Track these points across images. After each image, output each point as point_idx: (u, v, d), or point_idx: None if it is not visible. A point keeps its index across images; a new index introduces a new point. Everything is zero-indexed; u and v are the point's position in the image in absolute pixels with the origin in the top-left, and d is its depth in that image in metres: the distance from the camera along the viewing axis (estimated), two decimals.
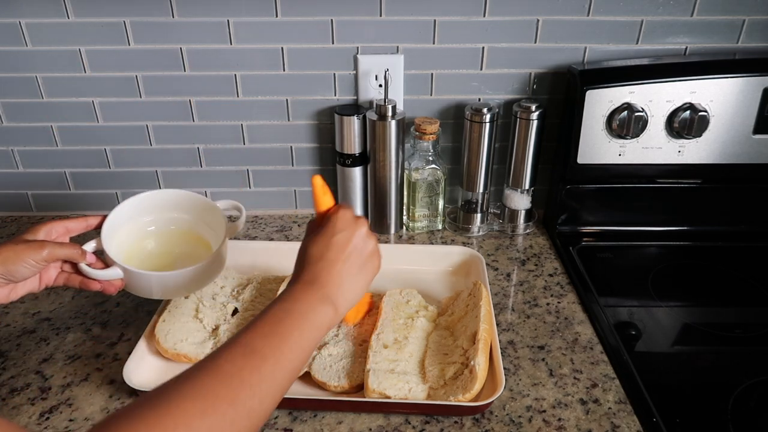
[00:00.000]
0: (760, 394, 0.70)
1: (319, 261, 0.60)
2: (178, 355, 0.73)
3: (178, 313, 0.78)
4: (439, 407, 0.66)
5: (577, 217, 1.01)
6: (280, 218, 1.09)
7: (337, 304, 0.59)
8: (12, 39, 0.93)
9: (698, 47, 0.95)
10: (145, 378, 0.71)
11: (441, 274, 0.92)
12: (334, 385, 0.69)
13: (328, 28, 0.93)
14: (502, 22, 0.93)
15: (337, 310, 0.59)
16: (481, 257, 0.90)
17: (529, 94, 0.99)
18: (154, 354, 0.75)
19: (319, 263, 0.60)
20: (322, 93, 0.99)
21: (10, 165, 1.05)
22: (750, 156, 0.93)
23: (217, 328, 0.77)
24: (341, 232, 0.62)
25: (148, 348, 0.75)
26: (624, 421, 0.66)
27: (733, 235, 1.00)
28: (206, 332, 0.77)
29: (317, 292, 0.58)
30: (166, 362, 0.74)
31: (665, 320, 0.83)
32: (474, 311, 0.76)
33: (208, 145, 1.03)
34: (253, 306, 0.81)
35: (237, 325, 0.77)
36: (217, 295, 0.82)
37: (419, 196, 1.00)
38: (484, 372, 0.68)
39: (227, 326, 0.77)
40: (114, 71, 0.96)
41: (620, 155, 0.93)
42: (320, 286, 0.59)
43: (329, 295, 0.59)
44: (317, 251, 0.61)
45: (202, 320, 0.78)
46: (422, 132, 0.95)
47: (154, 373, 0.72)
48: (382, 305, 0.79)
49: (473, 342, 0.72)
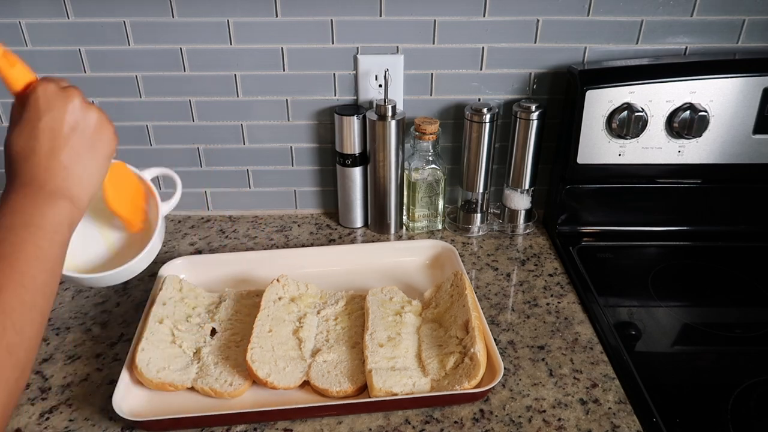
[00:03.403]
0: (760, 394, 0.70)
1: (31, 156, 0.51)
2: (163, 384, 0.68)
3: (155, 339, 0.73)
4: (448, 397, 0.67)
5: (577, 217, 1.01)
6: (279, 218, 1.09)
7: (72, 196, 0.52)
8: (12, 39, 0.93)
9: (698, 47, 0.95)
10: (135, 406, 0.68)
11: (416, 269, 0.94)
12: (337, 391, 0.69)
13: (328, 28, 0.93)
14: (502, 22, 0.93)
15: (74, 201, 0.52)
16: (453, 248, 0.92)
17: (529, 94, 0.99)
18: (137, 384, 0.70)
19: (31, 159, 0.51)
20: (322, 93, 0.99)
21: None
22: (750, 156, 0.93)
23: (199, 351, 0.74)
24: (48, 114, 0.52)
25: (132, 378, 0.70)
26: (624, 421, 0.66)
27: (733, 235, 1.00)
28: (188, 357, 0.73)
29: (39, 192, 0.50)
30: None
31: (665, 320, 0.83)
32: (460, 300, 0.77)
33: (208, 145, 1.03)
34: (232, 324, 0.78)
35: (219, 346, 0.74)
36: (191, 317, 0.79)
37: (419, 196, 1.00)
38: (484, 358, 0.69)
39: (209, 348, 0.74)
40: (114, 71, 0.96)
41: (620, 155, 0.93)
42: (41, 184, 0.51)
43: (56, 190, 0.51)
44: (24, 145, 0.52)
45: (180, 345, 0.74)
46: (422, 132, 0.95)
47: (144, 399, 0.69)
48: (367, 305, 0.79)
49: (466, 331, 0.73)
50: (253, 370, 0.68)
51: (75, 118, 0.53)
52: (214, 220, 1.09)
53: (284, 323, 0.77)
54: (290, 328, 0.77)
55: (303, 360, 0.73)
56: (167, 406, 0.68)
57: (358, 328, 0.78)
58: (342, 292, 0.85)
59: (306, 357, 0.73)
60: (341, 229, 1.06)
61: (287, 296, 0.81)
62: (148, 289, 0.87)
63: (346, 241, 1.03)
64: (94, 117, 0.55)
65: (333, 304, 0.82)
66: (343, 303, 0.83)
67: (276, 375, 0.69)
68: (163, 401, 0.69)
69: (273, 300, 0.79)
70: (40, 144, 0.51)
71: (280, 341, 0.74)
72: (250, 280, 0.90)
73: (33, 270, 0.47)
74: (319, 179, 1.07)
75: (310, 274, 0.88)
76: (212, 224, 1.08)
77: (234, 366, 0.71)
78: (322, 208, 1.11)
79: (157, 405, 0.68)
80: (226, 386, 0.69)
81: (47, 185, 0.51)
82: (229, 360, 0.72)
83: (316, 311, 0.81)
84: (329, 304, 0.82)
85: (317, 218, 1.09)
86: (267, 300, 0.78)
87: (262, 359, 0.70)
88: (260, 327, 0.74)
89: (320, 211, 1.11)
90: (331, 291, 0.85)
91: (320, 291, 0.85)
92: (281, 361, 0.71)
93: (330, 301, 0.83)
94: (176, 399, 0.69)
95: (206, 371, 0.71)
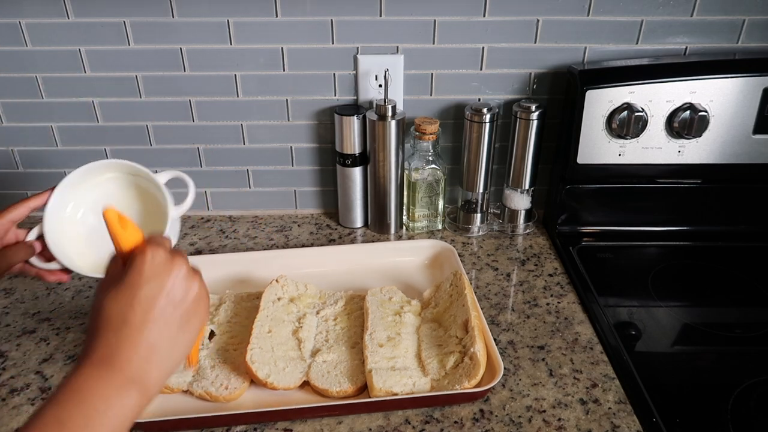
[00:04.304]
0: (760, 394, 0.70)
1: (121, 328, 0.46)
2: None
3: None
4: (448, 397, 0.67)
5: (577, 217, 1.01)
6: (280, 218, 1.09)
7: (146, 385, 0.46)
8: (12, 39, 0.93)
9: (698, 47, 0.95)
10: None
11: (416, 269, 0.94)
12: (337, 391, 0.69)
13: (328, 28, 0.93)
14: (502, 22, 0.93)
15: (146, 392, 0.46)
16: (452, 248, 0.92)
17: (529, 94, 0.99)
18: None
19: (120, 331, 0.46)
20: (322, 93, 0.99)
21: (10, 165, 1.05)
22: (750, 156, 0.93)
23: (196, 363, 0.72)
24: (150, 282, 0.47)
25: None
26: (624, 421, 0.66)
27: (733, 235, 1.00)
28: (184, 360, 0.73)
29: (116, 375, 0.44)
30: None
31: (665, 320, 0.83)
32: (459, 300, 0.78)
33: (208, 145, 1.03)
34: (230, 327, 0.78)
35: (216, 349, 0.74)
36: None
37: (419, 196, 1.00)
38: (484, 357, 0.69)
39: (206, 351, 0.74)
40: (114, 71, 0.96)
41: (620, 155, 0.93)
42: (120, 367, 0.45)
43: (133, 376, 0.45)
44: (117, 313, 0.46)
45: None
46: (422, 132, 0.95)
47: None
48: (366, 305, 0.79)
49: (465, 330, 0.73)
50: (253, 370, 0.68)
51: (176, 292, 0.48)
52: (214, 220, 1.09)
53: (284, 324, 0.77)
54: (290, 328, 0.77)
55: (303, 360, 0.72)
56: (167, 407, 0.68)
57: (357, 328, 0.78)
58: (341, 292, 0.85)
59: (306, 357, 0.73)
60: (341, 229, 1.06)
61: (286, 296, 0.81)
62: None
63: (346, 241, 1.03)
64: (195, 290, 0.51)
65: (332, 304, 0.82)
66: (343, 303, 0.83)
67: (276, 375, 0.69)
68: (162, 402, 0.69)
69: (272, 300, 0.79)
70: (134, 314, 0.46)
71: (279, 342, 0.74)
72: (250, 280, 0.90)
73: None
74: (319, 179, 1.07)
75: (309, 274, 0.88)
76: (212, 224, 1.08)
77: (231, 370, 0.71)
78: (322, 208, 1.11)
79: (157, 406, 0.68)
80: (221, 390, 0.69)
81: (125, 369, 0.45)
82: (226, 363, 0.72)
83: (315, 311, 0.81)
84: (329, 305, 0.82)
85: (317, 218, 1.09)
86: (266, 300, 0.78)
87: (262, 360, 0.70)
88: (259, 327, 0.74)
89: (320, 211, 1.11)
90: (330, 291, 0.85)
91: (319, 291, 0.85)
92: (281, 361, 0.71)
93: (329, 301, 0.83)
94: (176, 400, 0.69)
95: (202, 374, 0.71)
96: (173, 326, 0.48)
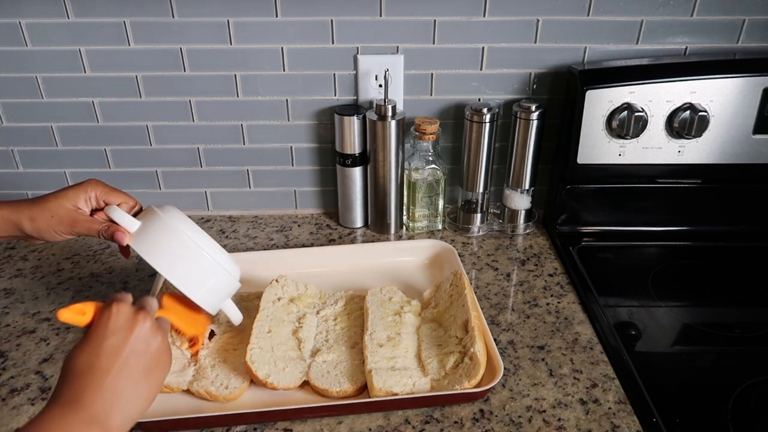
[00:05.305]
0: (760, 394, 0.70)
1: (86, 374, 0.50)
2: None
3: None
4: (448, 397, 0.67)
5: (577, 217, 1.01)
6: (280, 218, 1.09)
7: (108, 426, 0.49)
8: (12, 39, 0.93)
9: (698, 47, 0.95)
10: None
11: (416, 269, 0.94)
12: (337, 391, 0.69)
13: (328, 28, 0.93)
14: (502, 22, 0.93)
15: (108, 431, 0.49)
16: (452, 248, 0.92)
17: (529, 94, 0.99)
18: None
19: (85, 377, 0.50)
20: (322, 93, 0.99)
21: (10, 165, 1.05)
22: (750, 156, 0.93)
23: (197, 353, 0.74)
24: (115, 334, 0.52)
25: None
26: (624, 421, 0.66)
27: (733, 235, 1.00)
28: (185, 359, 0.73)
29: (78, 415, 0.48)
30: None
31: (665, 320, 0.83)
32: (460, 300, 0.78)
33: (208, 145, 1.03)
34: (231, 327, 0.78)
35: (216, 349, 0.75)
36: None
37: (419, 196, 1.00)
38: (484, 357, 0.69)
39: (207, 351, 0.74)
40: (114, 71, 0.96)
41: (620, 155, 0.93)
42: (83, 407, 0.48)
43: (96, 416, 0.48)
44: (83, 361, 0.51)
45: (179, 347, 0.74)
46: (422, 132, 0.95)
47: None
48: (366, 305, 0.79)
49: (465, 331, 0.73)
50: (253, 370, 0.68)
51: (139, 343, 0.53)
52: (214, 220, 1.09)
53: (283, 324, 0.77)
54: (290, 328, 0.77)
55: (302, 360, 0.72)
56: (167, 407, 0.68)
57: (357, 328, 0.78)
58: (341, 292, 0.85)
59: (305, 357, 0.73)
60: (341, 229, 1.06)
61: (286, 296, 0.81)
62: (147, 289, 0.87)
63: (346, 241, 1.03)
64: (157, 343, 0.55)
65: (332, 304, 0.82)
66: (343, 303, 0.83)
67: (276, 375, 0.69)
68: (162, 402, 0.69)
69: (272, 300, 0.79)
70: (99, 361, 0.51)
71: (279, 342, 0.74)
72: (250, 280, 0.89)
73: None
74: (319, 179, 1.07)
75: (309, 274, 0.88)
76: (212, 224, 1.08)
77: (231, 369, 0.71)
78: (322, 208, 1.11)
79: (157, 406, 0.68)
80: (221, 389, 0.69)
81: (88, 408, 0.48)
82: (226, 363, 0.72)
83: (315, 311, 0.81)
84: (329, 305, 0.82)
85: (317, 218, 1.09)
86: (266, 300, 0.78)
87: (262, 360, 0.70)
88: (259, 327, 0.74)
89: (320, 211, 1.11)
90: (330, 291, 0.85)
91: (319, 291, 0.85)
92: (281, 361, 0.71)
93: (329, 301, 0.83)
94: (176, 400, 0.69)
95: (202, 374, 0.71)
96: (137, 375, 0.52)
